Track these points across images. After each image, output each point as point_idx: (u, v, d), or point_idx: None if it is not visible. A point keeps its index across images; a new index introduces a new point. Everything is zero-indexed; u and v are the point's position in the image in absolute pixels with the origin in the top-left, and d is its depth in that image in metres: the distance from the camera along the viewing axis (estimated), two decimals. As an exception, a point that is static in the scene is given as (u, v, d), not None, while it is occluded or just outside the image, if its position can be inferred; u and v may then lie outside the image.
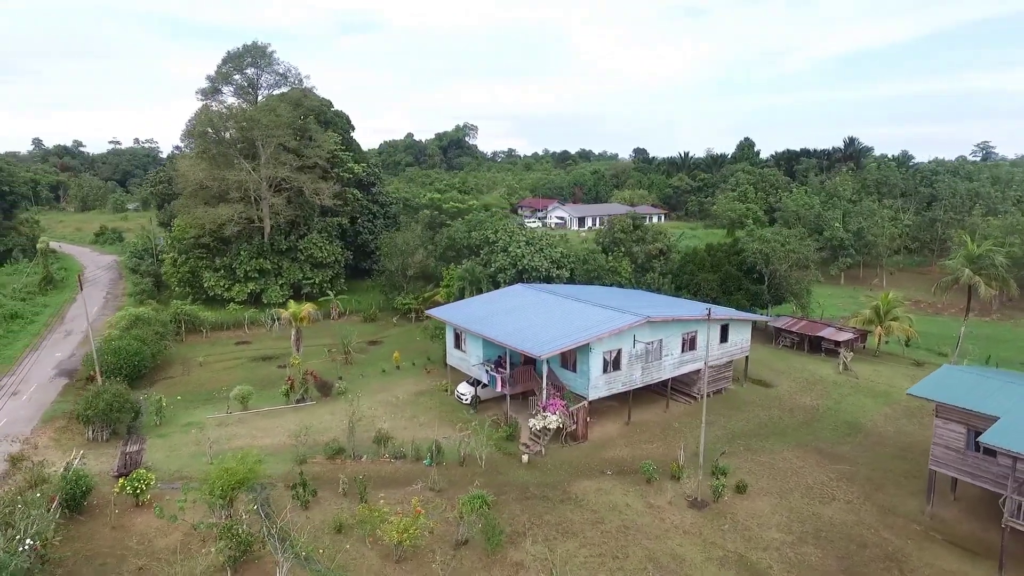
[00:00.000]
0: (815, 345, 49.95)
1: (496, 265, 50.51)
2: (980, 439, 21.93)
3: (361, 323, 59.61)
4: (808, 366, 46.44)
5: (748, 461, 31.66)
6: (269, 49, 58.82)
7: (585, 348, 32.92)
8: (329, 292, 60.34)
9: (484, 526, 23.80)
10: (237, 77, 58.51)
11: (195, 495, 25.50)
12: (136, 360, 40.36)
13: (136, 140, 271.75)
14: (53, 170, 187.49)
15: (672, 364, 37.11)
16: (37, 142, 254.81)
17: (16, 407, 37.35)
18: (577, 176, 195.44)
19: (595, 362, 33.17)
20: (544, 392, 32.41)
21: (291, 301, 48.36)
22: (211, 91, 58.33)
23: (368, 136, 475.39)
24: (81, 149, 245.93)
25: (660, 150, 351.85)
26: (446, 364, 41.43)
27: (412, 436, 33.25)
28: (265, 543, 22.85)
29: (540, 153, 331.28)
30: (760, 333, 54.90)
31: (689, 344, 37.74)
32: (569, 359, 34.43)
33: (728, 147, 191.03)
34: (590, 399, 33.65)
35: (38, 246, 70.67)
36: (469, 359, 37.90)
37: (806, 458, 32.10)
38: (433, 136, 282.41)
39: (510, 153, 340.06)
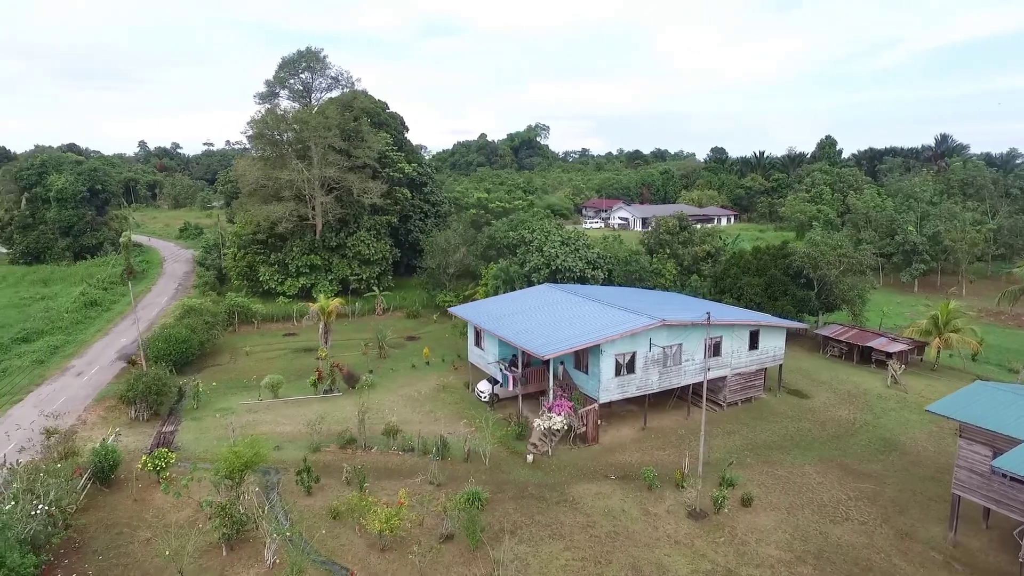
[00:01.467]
0: (866, 356, 47.04)
1: (530, 265, 50.61)
2: (993, 464, 20.14)
3: (404, 319, 61.26)
4: (853, 377, 43.81)
5: (763, 473, 30.33)
6: (322, 54, 61.68)
7: (596, 350, 32.55)
8: (375, 288, 62.35)
9: (465, 522, 24.05)
10: (292, 81, 61.61)
11: (205, 474, 27.15)
12: (184, 347, 43.24)
13: (227, 142, 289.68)
14: (151, 170, 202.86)
15: (693, 370, 35.99)
16: (142, 144, 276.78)
17: (77, 386, 40.92)
18: (645, 176, 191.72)
19: (606, 364, 32.71)
20: (551, 392, 32.27)
21: (321, 295, 50.25)
22: (268, 95, 61.71)
23: (444, 137, 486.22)
24: (179, 151, 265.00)
25: (741, 150, 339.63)
26: (469, 361, 42.00)
27: (426, 430, 33.90)
28: (258, 524, 24.01)
29: (614, 153, 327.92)
30: (808, 341, 52.32)
31: (713, 350, 36.50)
32: (582, 361, 34.13)
33: (813, 146, 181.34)
34: (600, 402, 33.22)
35: (120, 240, 76.93)
36: (487, 357, 38.25)
37: (827, 474, 30.40)
38: (505, 136, 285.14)
39: (583, 153, 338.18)
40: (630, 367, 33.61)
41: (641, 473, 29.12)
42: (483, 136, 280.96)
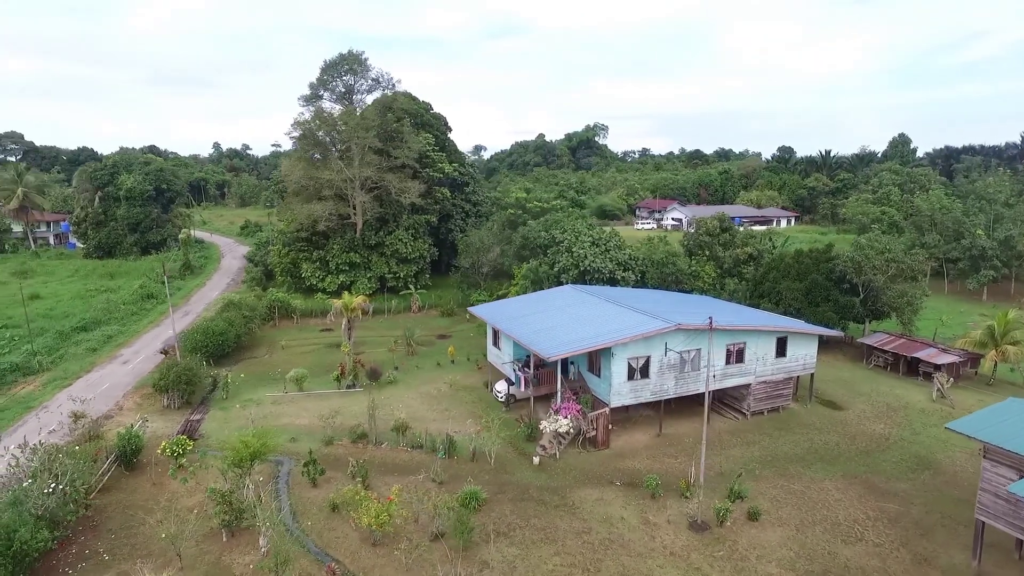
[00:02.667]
0: (913, 367, 44.23)
1: (560, 265, 50.21)
2: (1010, 488, 18.52)
3: (438, 317, 61.92)
4: (896, 390, 41.29)
5: (777, 487, 29.00)
6: (364, 56, 63.14)
7: (608, 353, 31.94)
8: (411, 286, 63.34)
9: (455, 522, 24.06)
10: (335, 83, 63.36)
11: (216, 462, 28.25)
12: (220, 339, 45.16)
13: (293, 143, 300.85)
14: (221, 170, 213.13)
15: (714, 377, 34.75)
16: (216, 146, 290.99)
17: (121, 374, 43.41)
18: (703, 176, 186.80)
19: (618, 368, 32.04)
20: (559, 394, 31.89)
21: (345, 292, 51.35)
22: (312, 97, 63.75)
23: (507, 137, 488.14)
24: (248, 152, 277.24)
25: (810, 149, 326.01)
26: (488, 361, 42.03)
27: (438, 428, 34.14)
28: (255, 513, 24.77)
29: (675, 152, 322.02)
30: (851, 350, 49.68)
31: (736, 356, 35.18)
32: (595, 363, 33.59)
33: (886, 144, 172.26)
34: (612, 406, 32.57)
35: (180, 236, 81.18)
36: (502, 357, 38.18)
37: (848, 491, 28.76)
38: (563, 136, 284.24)
39: (644, 153, 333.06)
40: (644, 371, 32.80)
41: (645, 480, 28.41)
42: (541, 136, 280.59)
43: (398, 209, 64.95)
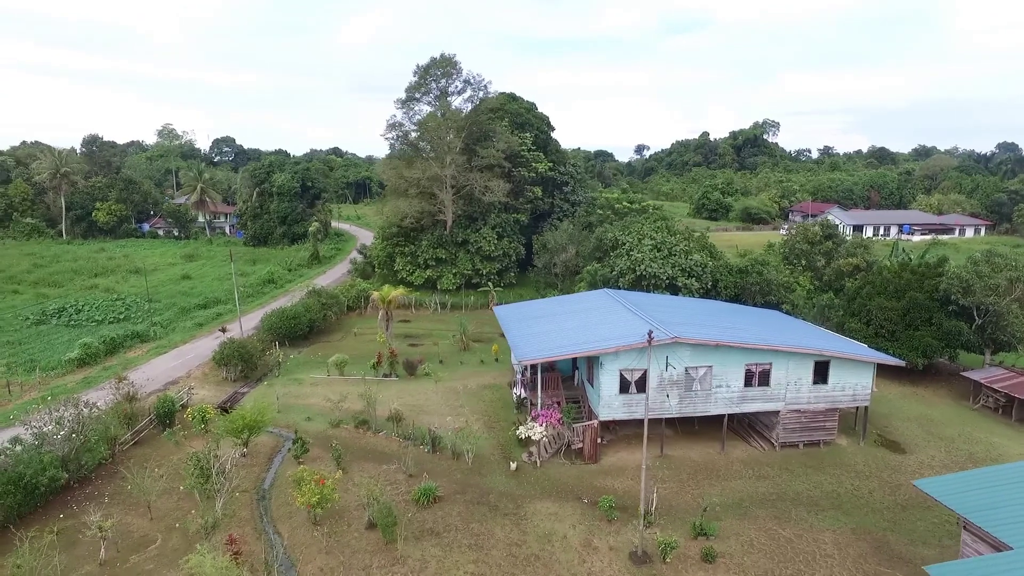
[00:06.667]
0: (1031, 412, 36.01)
1: (618, 269, 48.11)
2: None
3: (512, 315, 62.32)
4: (994, 437, 34.00)
5: (762, 530, 25.50)
6: (455, 59, 65.25)
7: (597, 363, 30.22)
8: (489, 284, 64.44)
9: (378, 514, 24.46)
10: (431, 86, 66.13)
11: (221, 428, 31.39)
12: (293, 323, 49.74)
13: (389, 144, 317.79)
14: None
15: (728, 399, 31.35)
16: (392, 146, 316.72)
17: (208, 348, 49.51)
18: (876, 177, 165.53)
19: (607, 379, 30.16)
20: (539, 400, 30.84)
21: (387, 285, 53.39)
22: (408, 100, 67.22)
23: (672, 137, 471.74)
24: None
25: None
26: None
27: (436, 423, 34.64)
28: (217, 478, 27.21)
29: (863, 150, 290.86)
30: (959, 385, 41.52)
31: (759, 378, 31.35)
32: (591, 374, 31.93)
33: None
34: (600, 419, 30.76)
35: (310, 230, 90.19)
36: (513, 359, 37.64)
37: (848, 547, 24.42)
38: (727, 135, 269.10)
39: (826, 151, 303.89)
40: (640, 386, 30.50)
41: (610, 503, 26.51)
42: (704, 135, 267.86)
43: (486, 207, 66.35)
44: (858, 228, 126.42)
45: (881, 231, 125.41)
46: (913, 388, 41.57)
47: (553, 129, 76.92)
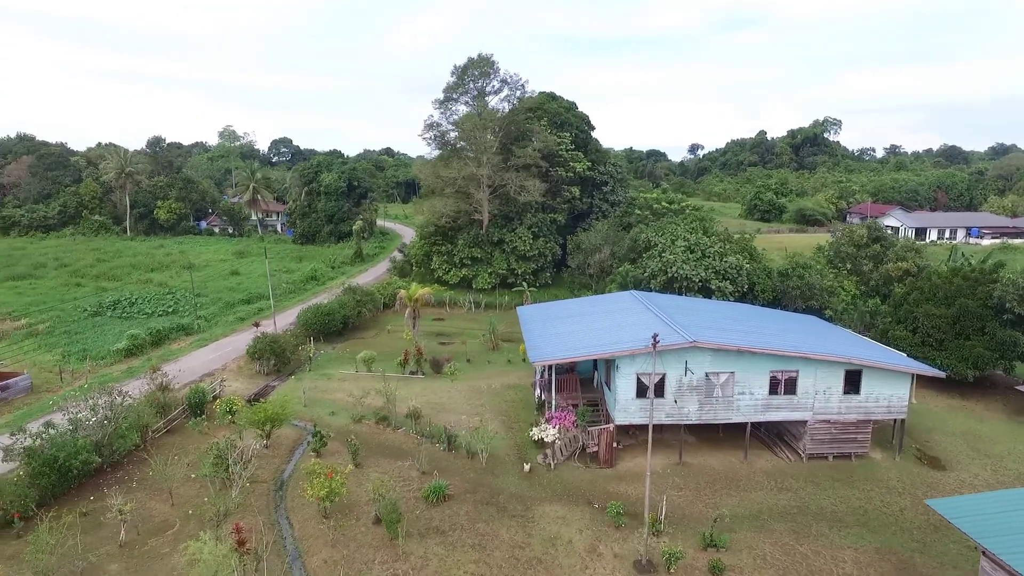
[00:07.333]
0: (1093, 431, 33.27)
1: (650, 270, 47.14)
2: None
3: (547, 316, 61.93)
4: (1047, 457, 31.56)
5: (777, 545, 24.45)
6: (492, 58, 65.26)
7: (614, 366, 29.65)
8: (525, 283, 64.21)
9: (384, 511, 24.63)
10: (469, 86, 66.39)
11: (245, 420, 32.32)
12: (327, 319, 50.86)
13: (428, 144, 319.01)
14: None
15: (751, 406, 30.22)
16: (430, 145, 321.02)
17: (249, 340, 51.15)
18: (945, 177, 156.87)
19: (623, 383, 29.54)
20: (553, 402, 30.46)
21: (414, 284, 53.64)
22: (445, 100, 67.68)
23: (714, 138, 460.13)
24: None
25: None
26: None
27: (464, 422, 34.57)
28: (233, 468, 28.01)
29: (933, 149, 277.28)
30: (1014, 400, 38.80)
31: (785, 386, 30.10)
32: (609, 377, 31.35)
33: None
34: (616, 423, 30.15)
35: (354, 228, 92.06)
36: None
37: (869, 567, 23.15)
38: (785, 133, 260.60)
39: (893, 150, 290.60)
40: (659, 390, 29.73)
41: (621, 509, 25.94)
42: (761, 133, 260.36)
43: (522, 207, 66.18)
44: (921, 231, 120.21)
45: (947, 234, 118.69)
46: (962, 401, 39.10)
47: (593, 128, 76.07)
